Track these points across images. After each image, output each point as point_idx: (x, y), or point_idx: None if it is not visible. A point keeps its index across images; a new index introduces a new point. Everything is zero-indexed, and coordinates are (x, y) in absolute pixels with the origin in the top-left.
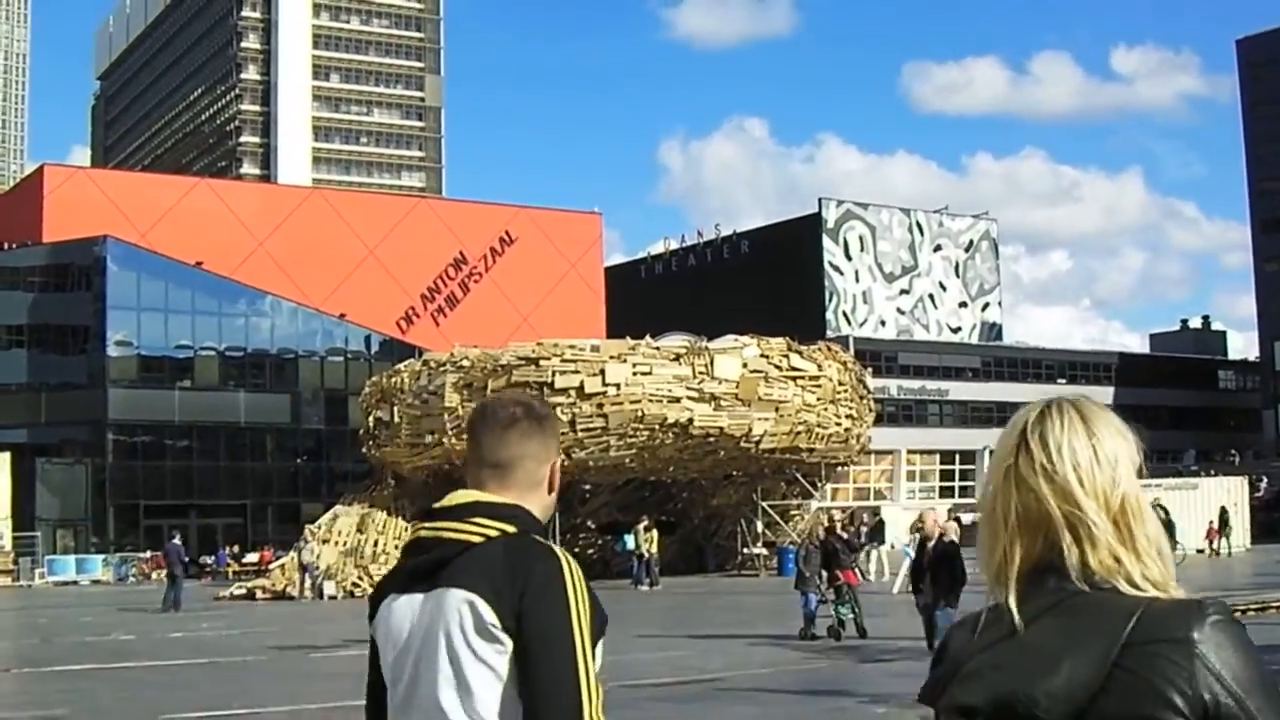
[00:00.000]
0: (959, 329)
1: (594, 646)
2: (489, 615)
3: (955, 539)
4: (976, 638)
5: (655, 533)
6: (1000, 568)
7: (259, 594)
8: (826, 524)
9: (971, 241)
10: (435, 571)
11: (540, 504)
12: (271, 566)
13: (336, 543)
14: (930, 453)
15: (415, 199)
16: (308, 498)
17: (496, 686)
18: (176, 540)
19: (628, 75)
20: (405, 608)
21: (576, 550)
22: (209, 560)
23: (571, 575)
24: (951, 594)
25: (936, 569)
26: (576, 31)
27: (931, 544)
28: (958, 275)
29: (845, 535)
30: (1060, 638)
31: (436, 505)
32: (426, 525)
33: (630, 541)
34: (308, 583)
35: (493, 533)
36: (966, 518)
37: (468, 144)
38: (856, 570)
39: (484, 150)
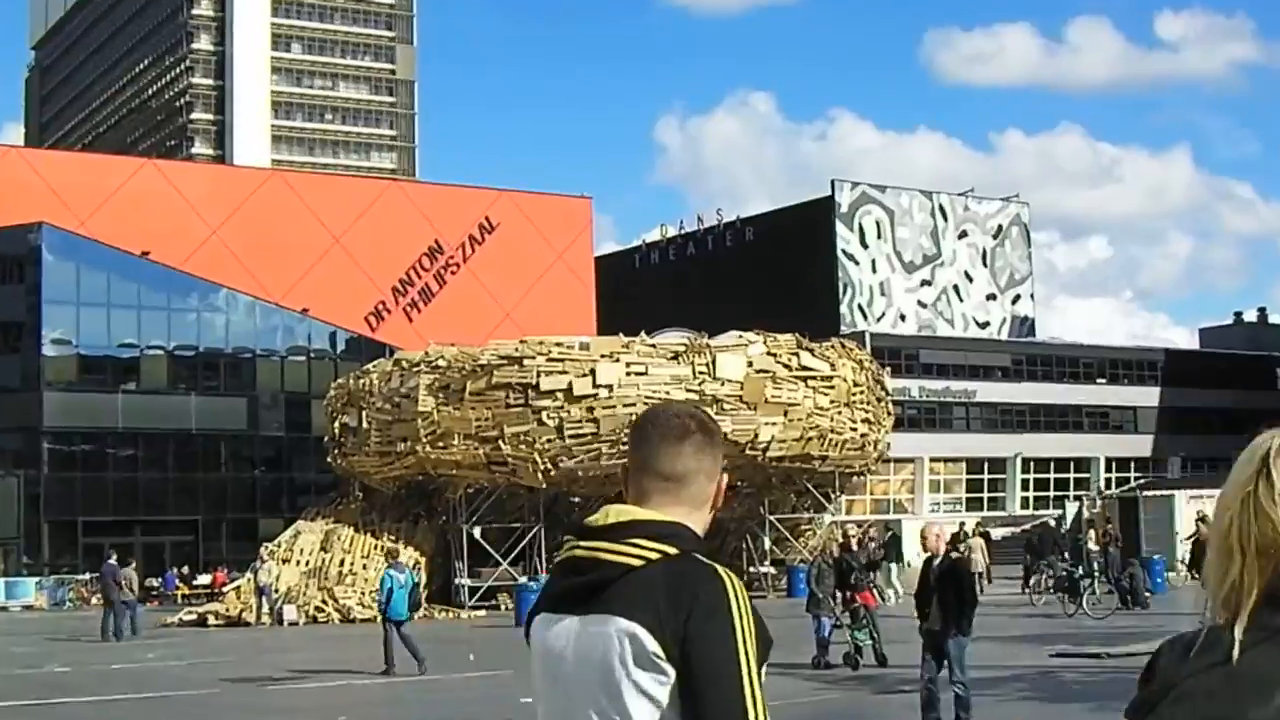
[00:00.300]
0: (987, 324)
1: (760, 672)
2: (651, 644)
3: (966, 554)
4: (1191, 660)
5: None
6: (1230, 595)
7: (211, 620)
8: (841, 540)
9: (1000, 227)
10: (592, 595)
11: (703, 522)
12: (225, 589)
13: (298, 562)
14: (956, 461)
15: (385, 182)
16: (266, 512)
17: (655, 717)
18: (113, 560)
19: (620, 46)
20: (561, 632)
21: None
22: (155, 583)
23: (737, 598)
24: (963, 619)
25: (943, 591)
26: None
27: (937, 562)
28: (985, 264)
29: (862, 553)
30: (1276, 668)
31: (590, 522)
32: (582, 545)
33: None
34: (265, 607)
35: (653, 555)
36: (997, 532)
37: (443, 121)
38: (875, 591)
39: (461, 128)
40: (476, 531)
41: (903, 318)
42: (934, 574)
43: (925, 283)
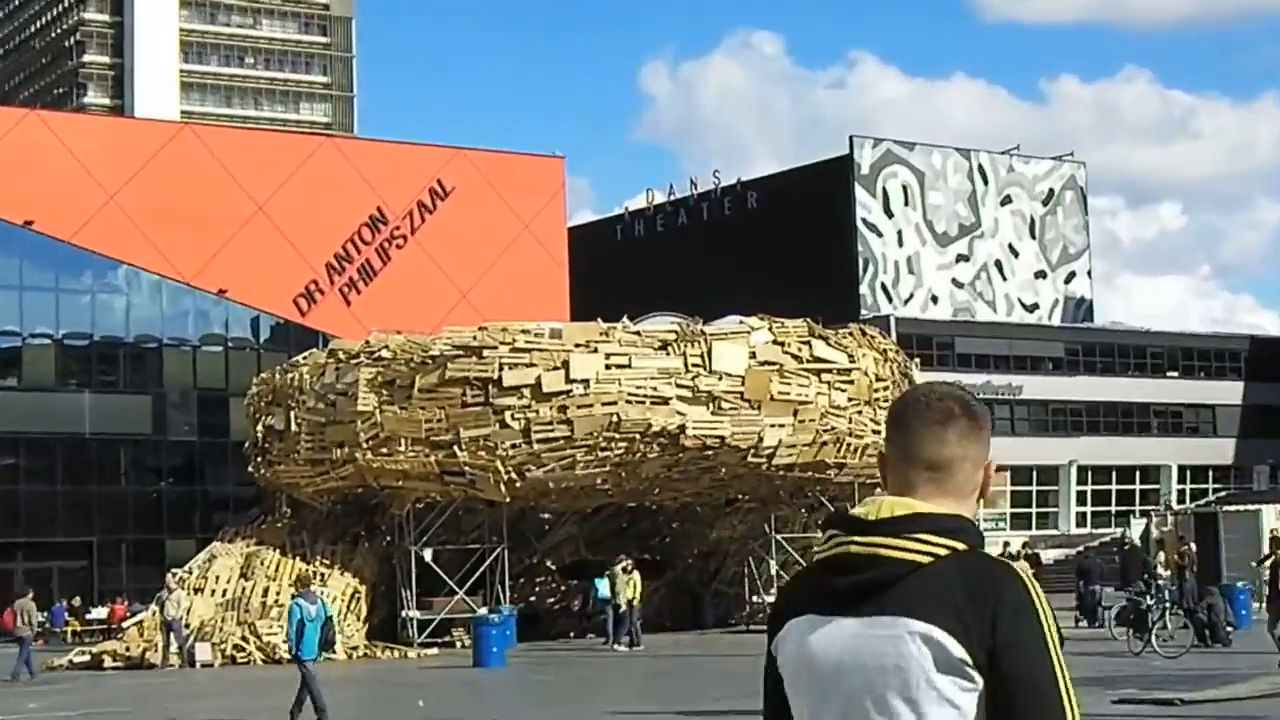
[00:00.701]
0: (1035, 306)
1: (1070, 680)
2: (956, 650)
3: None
4: None
5: (636, 576)
6: None
7: (108, 661)
8: None
9: (1052, 191)
10: (872, 595)
11: (970, 512)
12: (126, 624)
13: (213, 592)
14: (999, 469)
15: (318, 138)
16: (175, 532)
17: None
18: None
19: None
20: (830, 636)
21: (533, 598)
22: (41, 617)
23: (1039, 599)
24: None
25: None
26: None
27: None
28: (1034, 236)
29: None
30: None
31: (861, 515)
32: (857, 540)
33: (603, 588)
34: (173, 646)
35: (942, 551)
36: (1049, 554)
37: (388, 67)
38: None
39: (409, 75)
40: (427, 554)
41: (935, 300)
42: None
43: (962, 258)
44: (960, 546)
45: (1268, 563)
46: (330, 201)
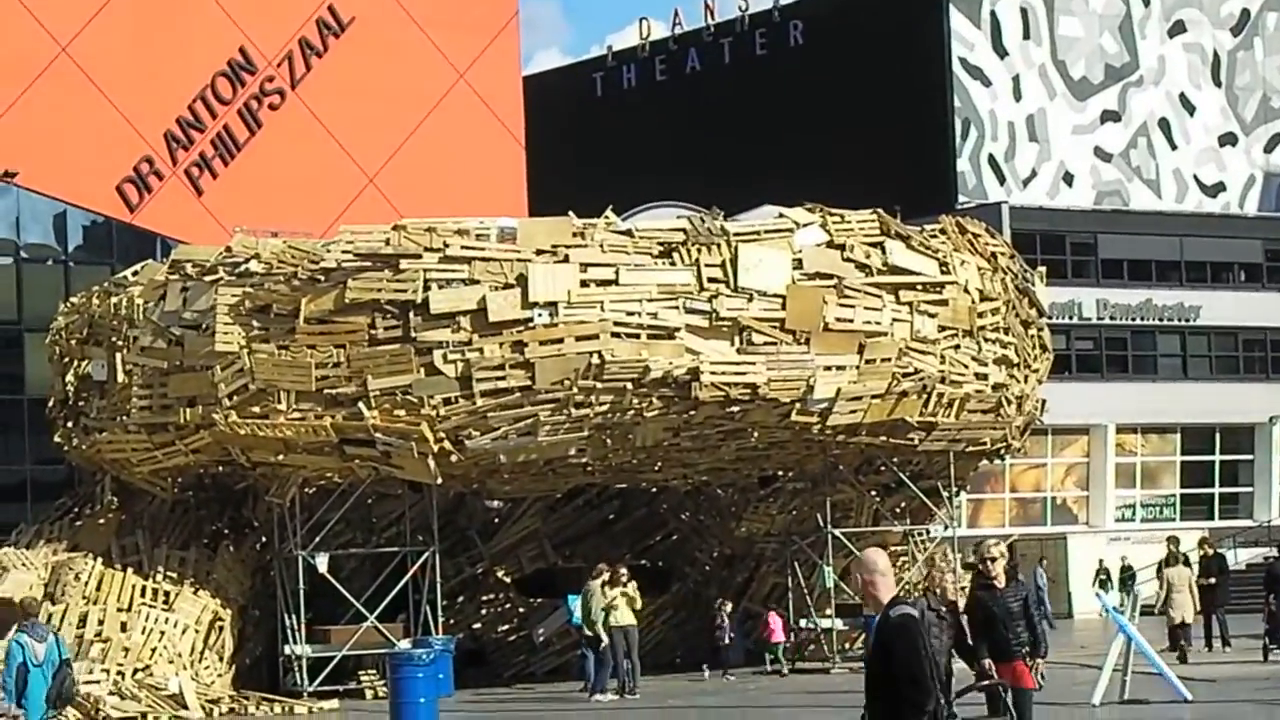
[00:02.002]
0: (1220, 188)
1: None
2: None
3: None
4: None
5: (632, 590)
6: None
7: None
8: (980, 562)
9: (1247, 14)
10: None
11: None
12: None
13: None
14: (1165, 430)
15: None
16: None
17: None
18: None
19: None
20: None
21: (477, 625)
22: None
23: None
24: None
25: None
26: None
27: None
28: (1218, 83)
29: (1012, 589)
30: None
31: None
32: None
33: (578, 609)
34: None
35: None
36: (1240, 555)
37: None
38: (1032, 661)
39: None
40: (321, 563)
41: (1069, 179)
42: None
43: (1110, 116)
44: None
45: None
46: (170, 42)
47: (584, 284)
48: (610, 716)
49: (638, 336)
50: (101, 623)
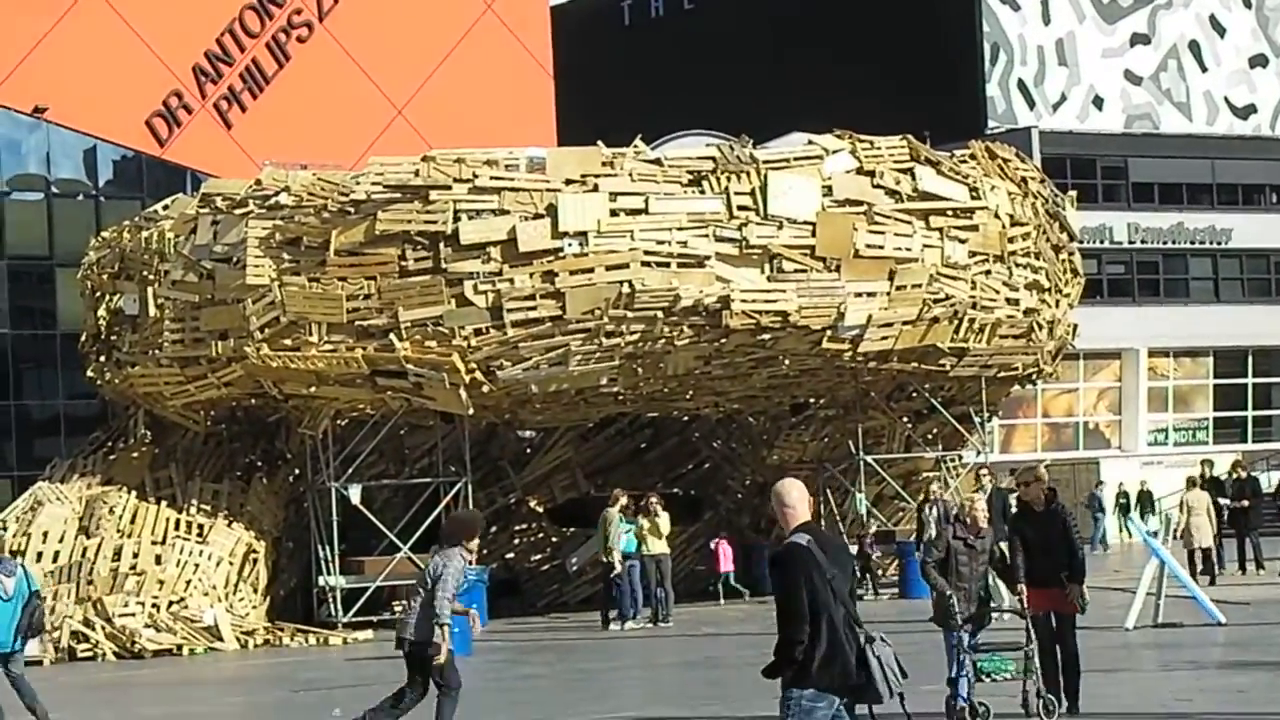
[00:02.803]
0: (1251, 110)
1: None
2: None
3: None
4: None
5: (664, 518)
6: None
7: None
8: (1018, 485)
9: None
10: None
11: None
12: None
13: (39, 555)
14: (1196, 354)
15: None
16: None
17: None
18: None
19: None
20: None
21: (510, 555)
22: None
23: None
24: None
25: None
26: None
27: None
28: (1247, 4)
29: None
30: None
31: None
32: None
33: (613, 537)
34: None
35: None
36: (1273, 477)
37: None
38: (1069, 586)
39: None
40: (354, 494)
41: (1098, 102)
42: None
43: (1139, 39)
44: None
45: None
46: None
47: (614, 213)
48: (643, 645)
49: (668, 265)
50: (136, 556)
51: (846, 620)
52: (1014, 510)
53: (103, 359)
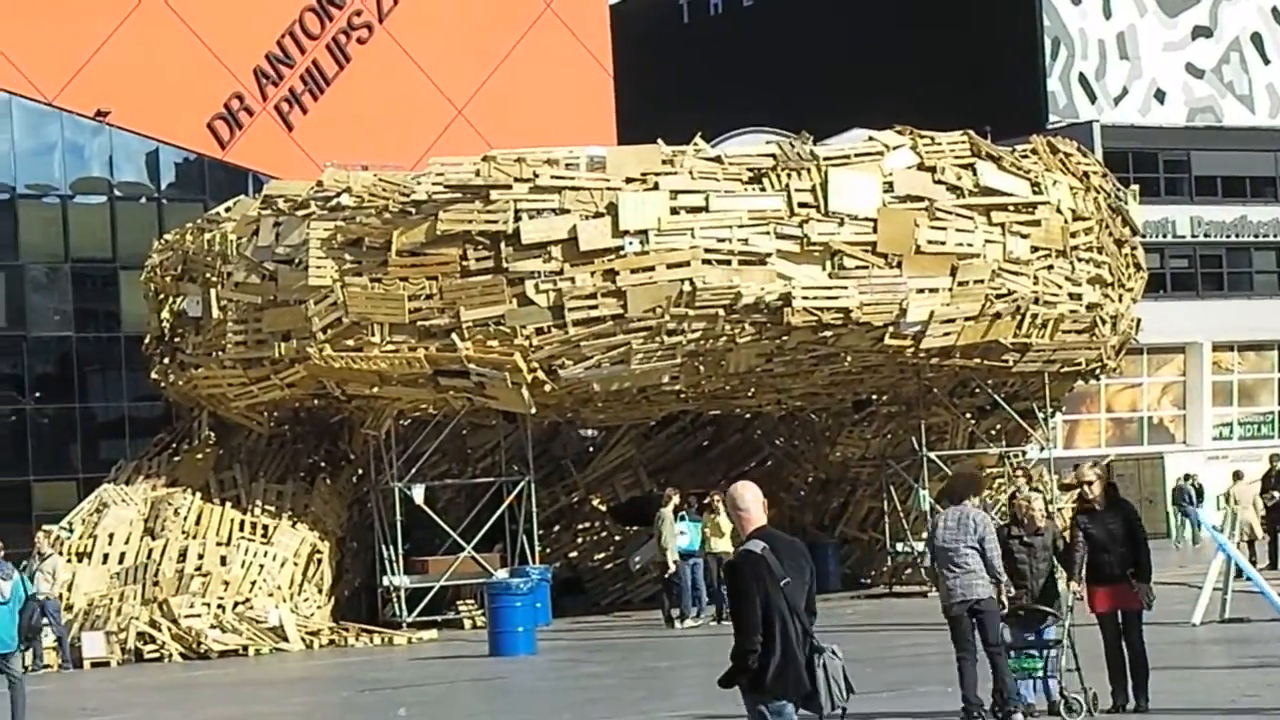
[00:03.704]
0: None
1: None
2: None
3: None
4: None
5: (724, 519)
6: None
7: None
8: (1077, 484)
9: None
10: None
11: None
12: None
13: (105, 557)
14: (1262, 347)
15: None
16: (44, 471)
17: None
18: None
19: None
20: None
21: (573, 554)
22: None
23: None
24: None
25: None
26: None
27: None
28: None
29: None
30: None
31: None
32: None
33: (678, 533)
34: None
35: None
36: None
37: None
38: (1137, 584)
39: None
40: (417, 494)
41: (1160, 96)
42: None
43: (1201, 32)
44: None
45: None
46: None
47: (674, 211)
48: (706, 643)
49: (729, 263)
50: (201, 557)
51: (801, 628)
52: (1075, 508)
53: (166, 361)
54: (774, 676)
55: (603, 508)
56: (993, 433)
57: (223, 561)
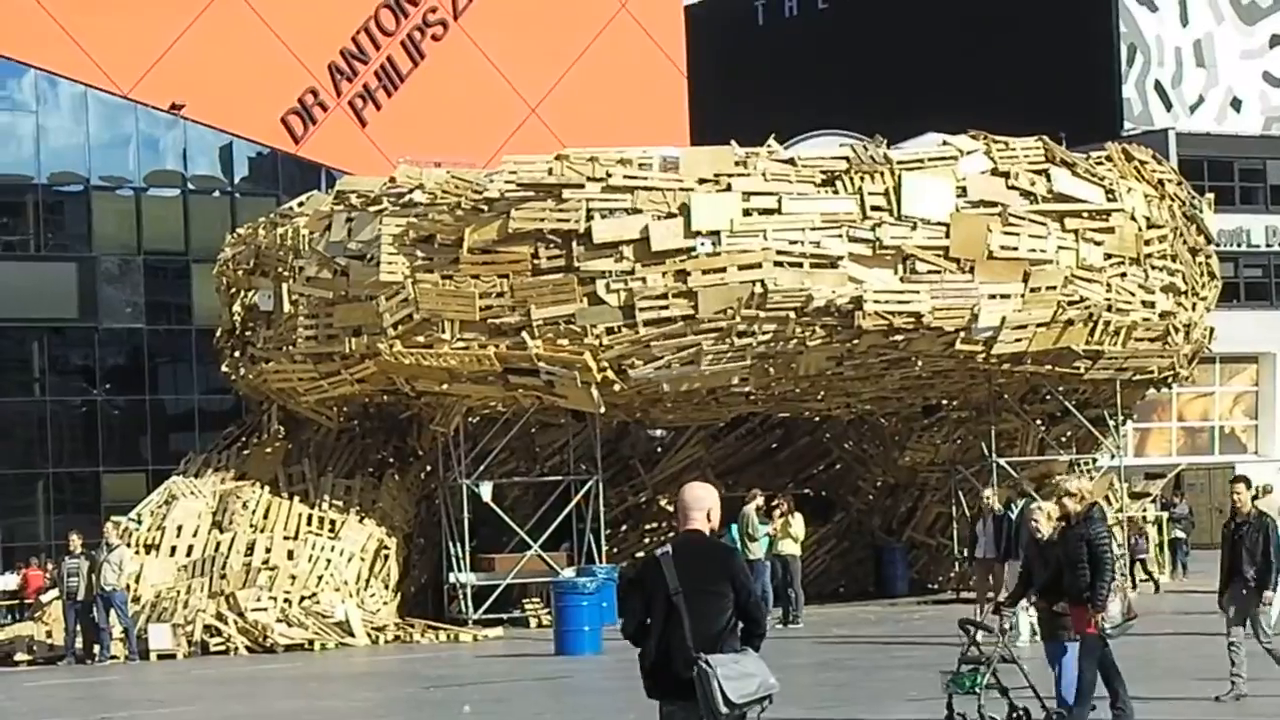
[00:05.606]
0: None
1: None
2: None
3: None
4: None
5: (796, 519)
6: None
7: (21, 655)
8: (1055, 499)
9: None
10: None
11: None
12: (46, 598)
13: (173, 550)
14: None
15: None
16: (113, 463)
17: None
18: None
19: None
20: None
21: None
22: None
23: None
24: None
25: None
26: None
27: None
28: None
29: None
30: None
31: None
32: None
33: (754, 531)
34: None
35: None
36: None
37: None
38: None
39: None
40: (485, 491)
41: (1237, 105)
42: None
43: (1279, 40)
44: None
45: None
46: None
47: (746, 213)
48: (772, 645)
49: (800, 265)
50: (268, 550)
51: (693, 633)
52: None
53: (237, 354)
54: (647, 675)
55: (670, 508)
56: (1063, 439)
57: (290, 555)
